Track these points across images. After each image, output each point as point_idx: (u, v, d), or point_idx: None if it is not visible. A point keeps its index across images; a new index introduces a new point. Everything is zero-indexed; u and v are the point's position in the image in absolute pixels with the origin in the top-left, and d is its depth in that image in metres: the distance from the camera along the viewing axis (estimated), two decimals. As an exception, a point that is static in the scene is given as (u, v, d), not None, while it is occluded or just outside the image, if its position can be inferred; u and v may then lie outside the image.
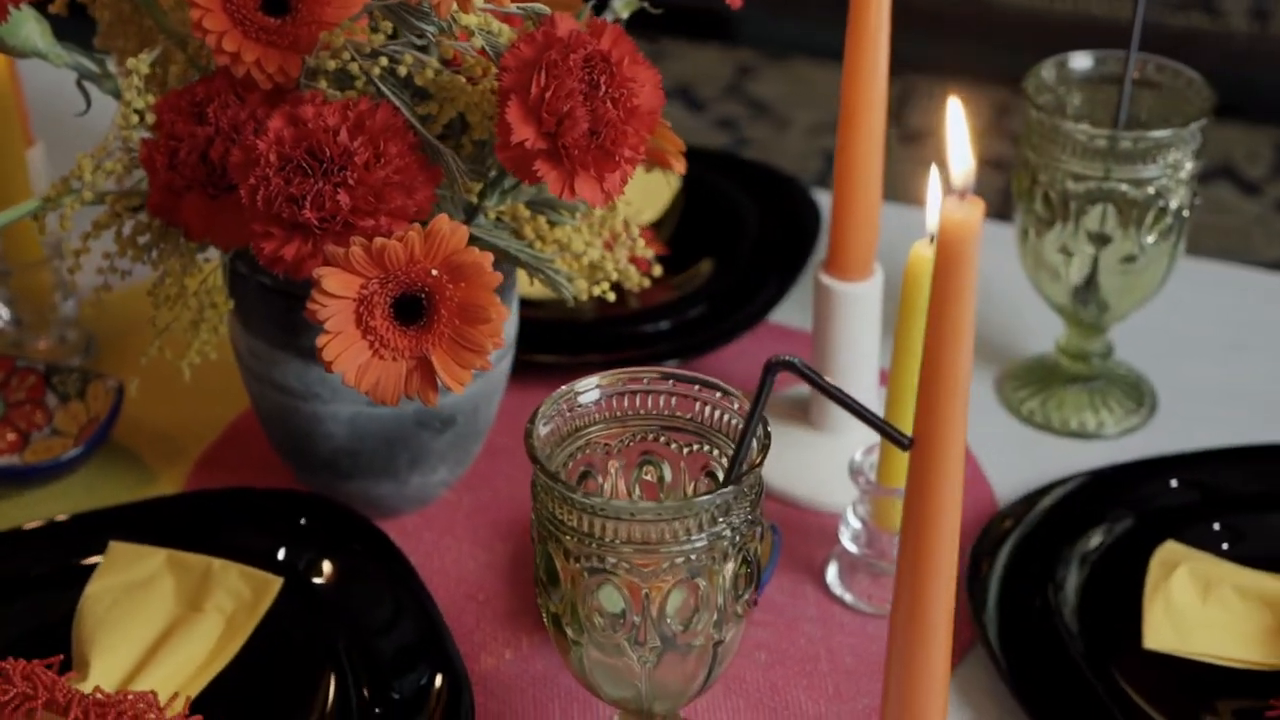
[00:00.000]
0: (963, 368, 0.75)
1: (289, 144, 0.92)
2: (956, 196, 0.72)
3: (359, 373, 0.91)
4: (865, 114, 1.09)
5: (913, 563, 0.80)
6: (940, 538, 0.79)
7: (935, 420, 0.77)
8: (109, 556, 1.05)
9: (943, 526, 0.79)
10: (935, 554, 0.80)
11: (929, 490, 0.78)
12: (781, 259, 1.35)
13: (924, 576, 0.80)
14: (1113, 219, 1.14)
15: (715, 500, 0.84)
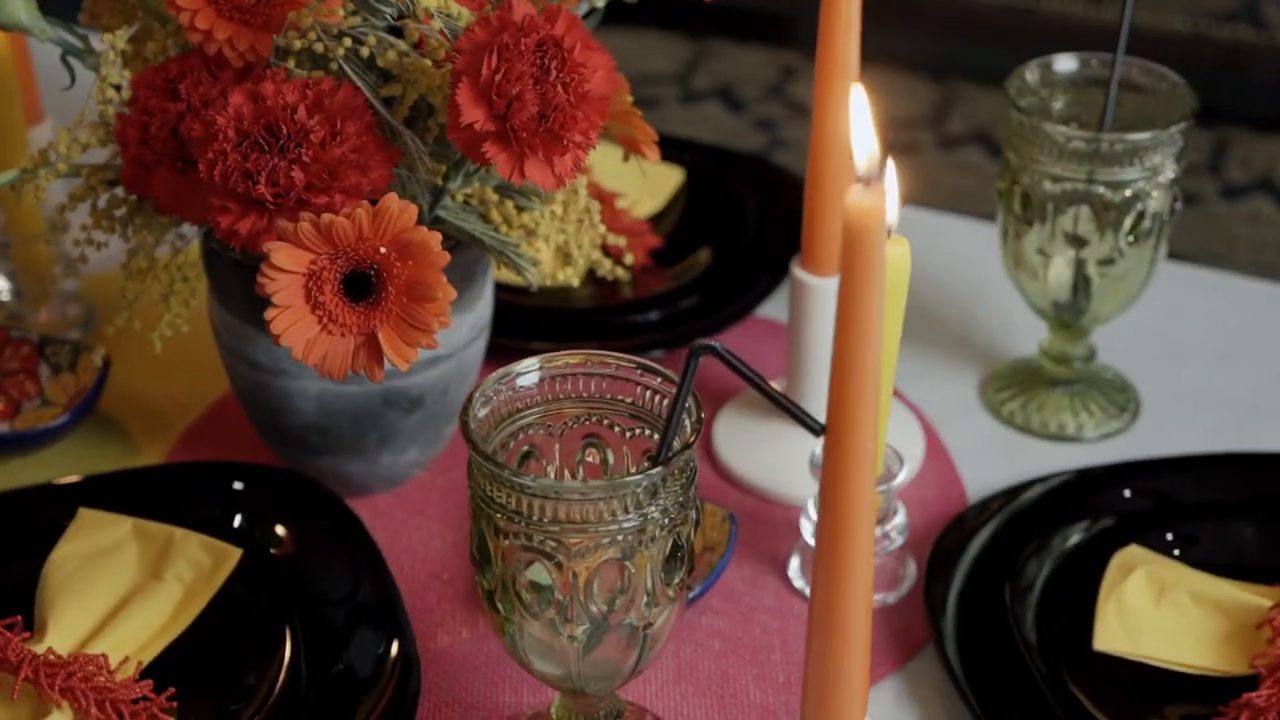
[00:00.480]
0: (872, 352, 0.76)
1: (248, 120, 0.94)
2: (862, 184, 0.72)
3: (307, 347, 0.93)
4: (836, 109, 1.09)
5: (830, 548, 0.80)
6: (856, 523, 0.79)
7: (846, 406, 0.77)
8: (76, 523, 1.07)
9: (858, 512, 0.79)
10: (851, 540, 0.80)
11: (843, 476, 0.79)
12: (777, 254, 1.36)
13: (840, 561, 0.80)
14: (1089, 221, 1.13)
15: (642, 481, 0.85)
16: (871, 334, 0.75)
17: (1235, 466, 1.14)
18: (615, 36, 2.39)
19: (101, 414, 1.23)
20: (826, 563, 0.81)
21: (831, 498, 0.79)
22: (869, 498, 0.79)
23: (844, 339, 0.76)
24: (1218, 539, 1.09)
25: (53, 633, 1.00)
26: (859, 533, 0.80)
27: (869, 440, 0.78)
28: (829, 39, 1.07)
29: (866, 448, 0.78)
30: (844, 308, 0.75)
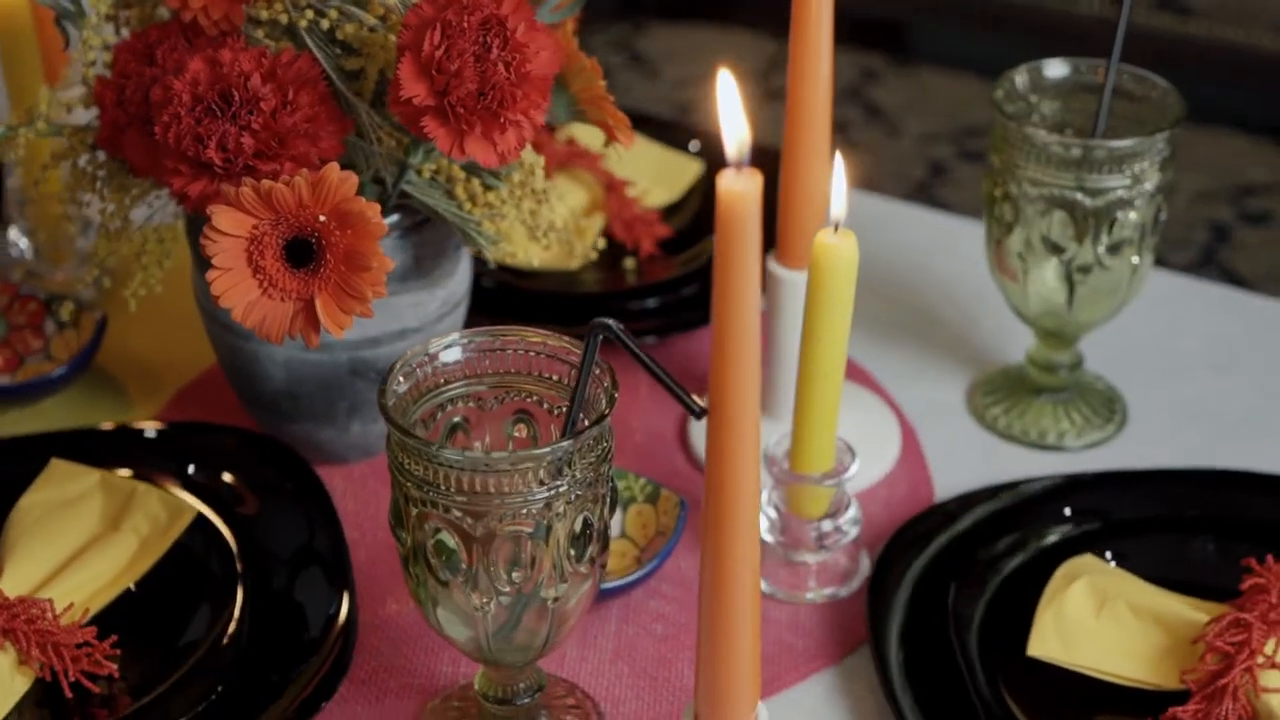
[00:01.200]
0: (750, 333, 0.76)
1: (204, 85, 0.96)
2: (733, 168, 0.73)
3: (247, 309, 0.95)
4: (810, 101, 1.09)
5: (715, 528, 0.81)
6: (739, 504, 0.80)
7: (727, 387, 0.77)
8: (47, 472, 1.10)
9: (741, 493, 0.79)
10: (735, 519, 0.80)
11: (725, 457, 0.79)
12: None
13: (725, 542, 0.81)
14: (1067, 228, 1.12)
15: (546, 456, 0.86)
16: (749, 313, 0.75)
17: (1202, 483, 1.13)
18: (703, 32, 2.41)
19: (102, 371, 1.26)
20: (712, 544, 0.82)
21: (716, 478, 0.80)
22: (753, 476, 0.80)
23: (721, 320, 0.76)
24: (1173, 554, 1.08)
25: (7, 576, 1.03)
26: (744, 510, 0.80)
27: (752, 421, 0.78)
28: (802, 37, 1.07)
29: (750, 428, 0.78)
30: (720, 289, 0.75)
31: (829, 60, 1.09)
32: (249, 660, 1.01)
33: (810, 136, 1.11)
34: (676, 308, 1.32)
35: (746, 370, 0.77)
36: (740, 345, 0.76)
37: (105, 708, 1.00)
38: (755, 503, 0.81)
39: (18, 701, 0.99)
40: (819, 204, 1.13)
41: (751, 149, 0.73)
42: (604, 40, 2.36)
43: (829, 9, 1.07)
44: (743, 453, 0.79)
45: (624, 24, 2.54)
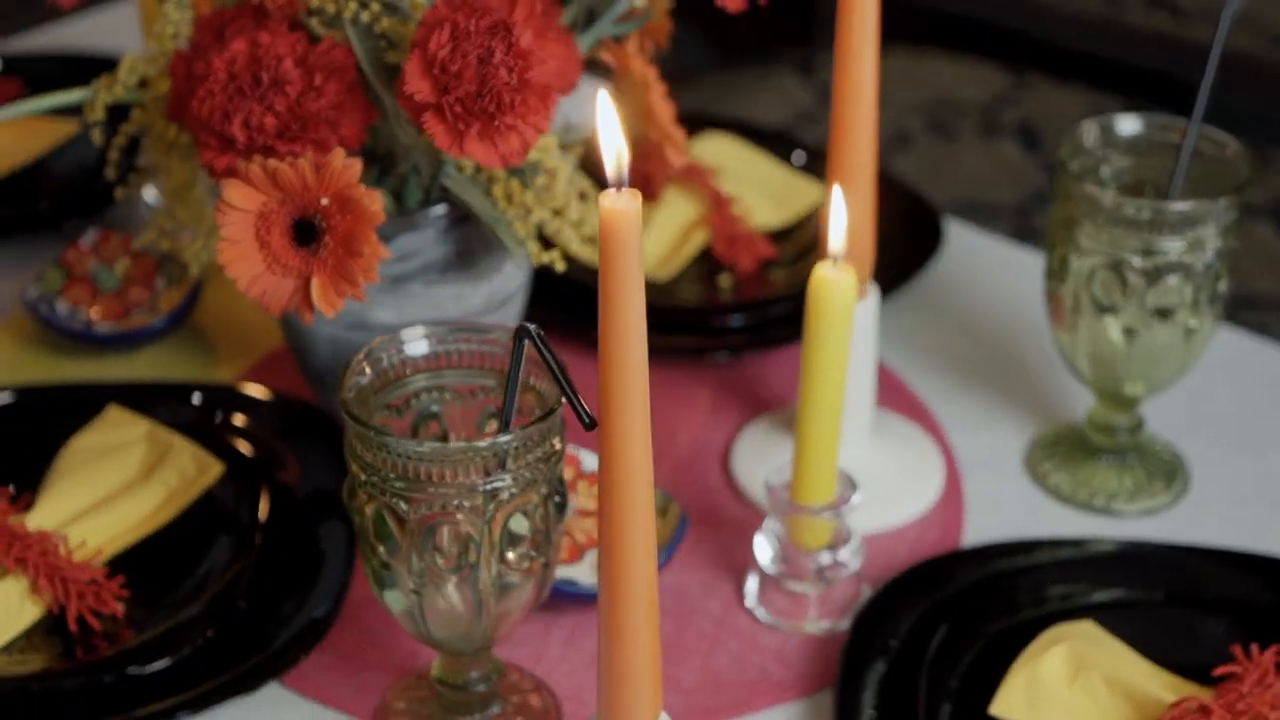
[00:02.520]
0: (635, 349, 0.77)
1: (240, 64, 1.01)
2: (614, 188, 0.74)
3: (250, 281, 0.99)
4: (856, 125, 1.08)
5: (608, 539, 0.82)
6: (630, 515, 0.81)
7: (614, 400, 0.79)
8: (103, 418, 1.17)
9: (632, 504, 0.80)
10: (627, 530, 0.81)
11: (615, 470, 0.80)
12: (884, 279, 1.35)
13: (618, 551, 0.82)
14: (1112, 287, 1.09)
15: (476, 449, 0.88)
16: (634, 329, 0.77)
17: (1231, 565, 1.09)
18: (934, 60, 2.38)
19: (200, 330, 1.33)
20: (606, 557, 0.83)
21: (607, 488, 0.81)
22: (644, 488, 0.80)
23: (608, 336, 0.77)
24: (1179, 633, 1.04)
25: (37, 511, 1.09)
26: (636, 521, 0.81)
27: (641, 433, 0.79)
28: (846, 59, 1.07)
29: (640, 440, 0.79)
30: (605, 305, 0.76)
31: (874, 86, 1.08)
32: (242, 613, 1.05)
33: (853, 165, 1.10)
34: (761, 327, 1.32)
35: (632, 382, 0.78)
36: (625, 358, 0.77)
37: (107, 640, 1.06)
38: (648, 513, 0.81)
39: (27, 629, 1.06)
40: (863, 238, 1.12)
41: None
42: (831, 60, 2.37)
43: (873, 44, 1.07)
44: (631, 463, 0.80)
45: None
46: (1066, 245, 1.11)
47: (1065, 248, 1.11)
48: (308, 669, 1.05)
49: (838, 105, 1.09)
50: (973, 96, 2.33)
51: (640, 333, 0.76)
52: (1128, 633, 1.04)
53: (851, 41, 1.06)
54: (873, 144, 1.10)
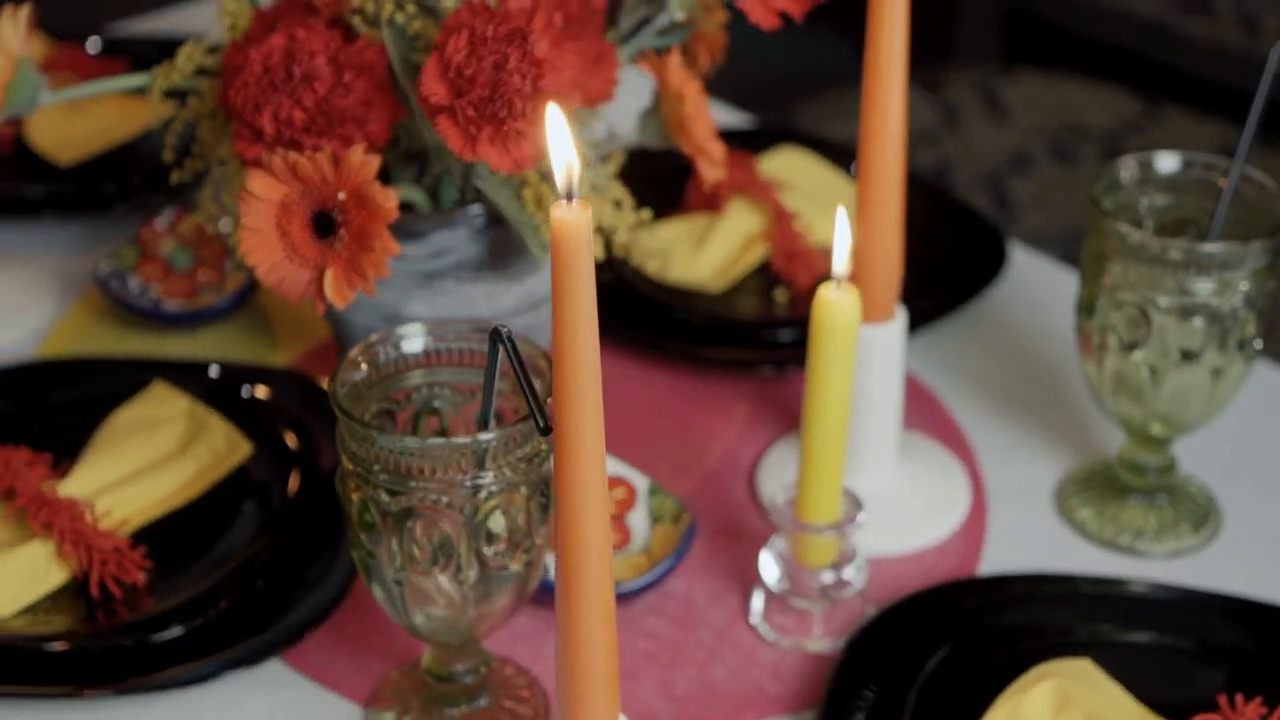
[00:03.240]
0: (587, 357, 0.78)
1: (276, 58, 1.04)
2: (564, 199, 0.75)
3: (269, 269, 1.02)
4: (884, 147, 1.08)
5: (563, 545, 0.83)
6: (584, 520, 0.82)
7: (566, 406, 0.80)
8: (147, 392, 1.21)
9: (585, 507, 0.82)
10: (581, 533, 0.82)
11: (568, 477, 0.81)
12: (935, 301, 1.35)
13: (573, 558, 0.83)
14: (1137, 325, 1.08)
15: (455, 446, 0.90)
16: (587, 338, 0.78)
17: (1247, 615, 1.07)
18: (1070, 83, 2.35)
19: (260, 311, 1.36)
20: (563, 564, 0.84)
21: (563, 496, 0.82)
22: (599, 493, 0.81)
23: (560, 343, 0.78)
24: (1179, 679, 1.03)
25: (72, 479, 1.13)
26: (592, 527, 0.82)
27: (595, 439, 0.80)
28: (875, 79, 1.07)
29: (594, 447, 0.80)
30: (558, 314, 0.78)
31: (902, 107, 1.08)
32: (257, 592, 1.09)
33: (883, 190, 1.10)
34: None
35: (585, 390, 0.79)
36: (577, 364, 0.78)
37: (127, 606, 1.09)
38: (602, 516, 0.82)
39: (53, 592, 1.10)
40: (891, 259, 1.12)
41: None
42: (965, 79, 2.35)
43: (901, 69, 1.06)
44: (584, 470, 0.81)
45: (993, 65, 2.51)
46: (1095, 280, 1.10)
47: (1094, 283, 1.11)
48: (311, 648, 1.08)
49: (866, 130, 1.09)
50: (1100, 123, 2.30)
51: (592, 342, 0.78)
52: (1125, 673, 1.03)
53: (880, 62, 1.06)
54: (901, 168, 1.10)
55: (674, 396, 1.29)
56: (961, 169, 2.20)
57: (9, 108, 1.11)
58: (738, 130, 1.56)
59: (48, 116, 1.53)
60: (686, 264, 1.38)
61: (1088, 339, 1.13)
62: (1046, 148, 2.29)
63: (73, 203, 1.47)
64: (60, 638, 1.06)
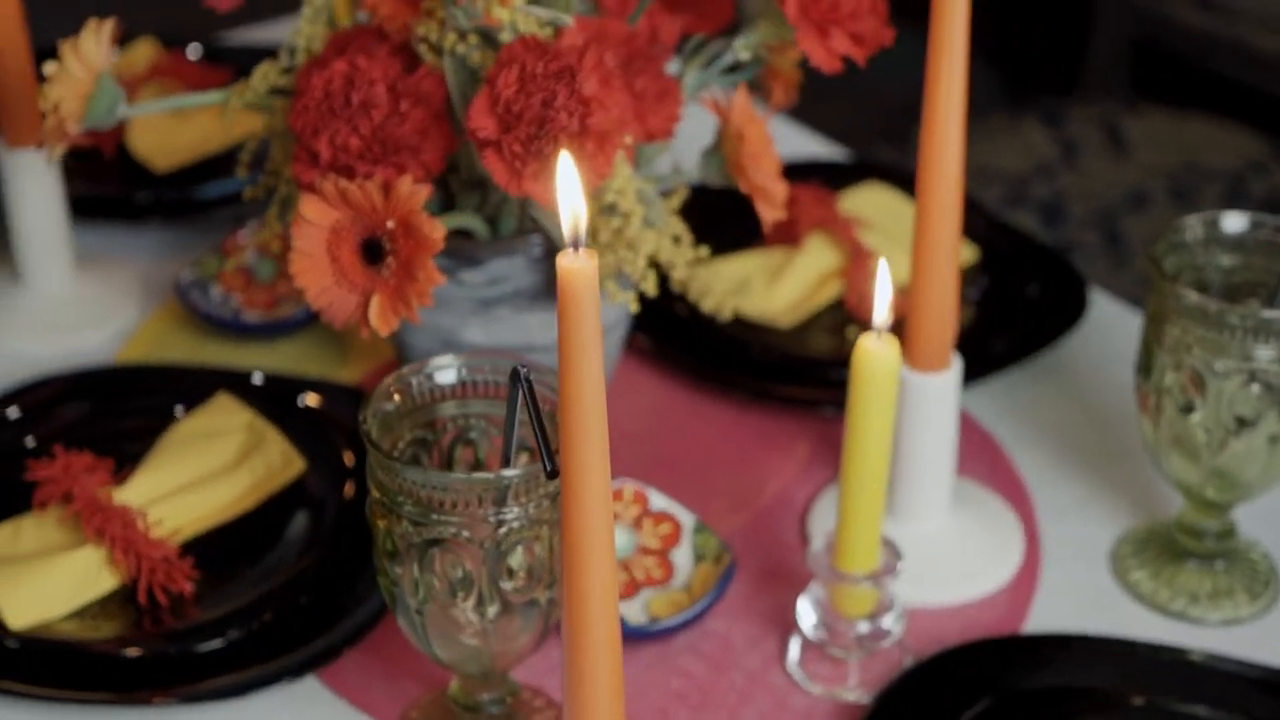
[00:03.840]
0: (594, 406, 0.78)
1: (337, 84, 1.05)
2: (571, 248, 0.75)
3: (319, 293, 1.03)
4: (941, 194, 1.07)
5: (570, 589, 0.83)
6: (591, 564, 0.82)
7: (574, 455, 0.80)
8: (212, 403, 1.23)
9: (592, 551, 0.82)
10: (587, 580, 0.82)
11: (575, 519, 0.81)
12: (1010, 345, 1.33)
13: (579, 602, 0.83)
14: (1194, 390, 1.06)
15: (476, 481, 0.90)
16: (593, 384, 0.78)
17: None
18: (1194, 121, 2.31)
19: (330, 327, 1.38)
20: (570, 609, 0.84)
21: (567, 543, 0.82)
22: (604, 535, 0.81)
23: (567, 389, 0.78)
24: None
25: (130, 486, 1.16)
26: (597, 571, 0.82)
27: (602, 484, 0.80)
28: (933, 127, 1.06)
29: (600, 491, 0.80)
30: (564, 360, 0.78)
31: (959, 151, 1.06)
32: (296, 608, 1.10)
33: (939, 239, 1.09)
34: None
35: (591, 437, 0.79)
36: (583, 412, 0.78)
37: (173, 615, 1.11)
38: (608, 563, 0.82)
39: (103, 597, 1.12)
40: (946, 308, 1.11)
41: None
42: (1087, 113, 2.31)
43: (959, 113, 1.05)
44: (590, 518, 0.81)
45: (1120, 99, 2.47)
46: (1155, 340, 1.08)
47: (1154, 342, 1.09)
48: (348, 667, 1.09)
49: (923, 177, 1.08)
50: (1223, 163, 2.26)
51: (598, 390, 0.78)
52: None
53: (938, 106, 1.05)
54: (957, 217, 1.09)
55: (736, 430, 1.28)
56: (1076, 204, 2.17)
57: (87, 120, 1.14)
58: (828, 163, 1.55)
59: (150, 123, 1.56)
60: (761, 297, 1.37)
61: (1145, 398, 1.11)
62: (1166, 187, 2.24)
63: (166, 208, 1.50)
64: (104, 643, 1.09)
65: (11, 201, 1.36)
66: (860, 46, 1.07)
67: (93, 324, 1.38)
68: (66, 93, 1.12)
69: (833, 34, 1.06)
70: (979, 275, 1.42)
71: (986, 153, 2.29)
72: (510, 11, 1.02)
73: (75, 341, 1.36)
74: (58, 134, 1.13)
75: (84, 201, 1.48)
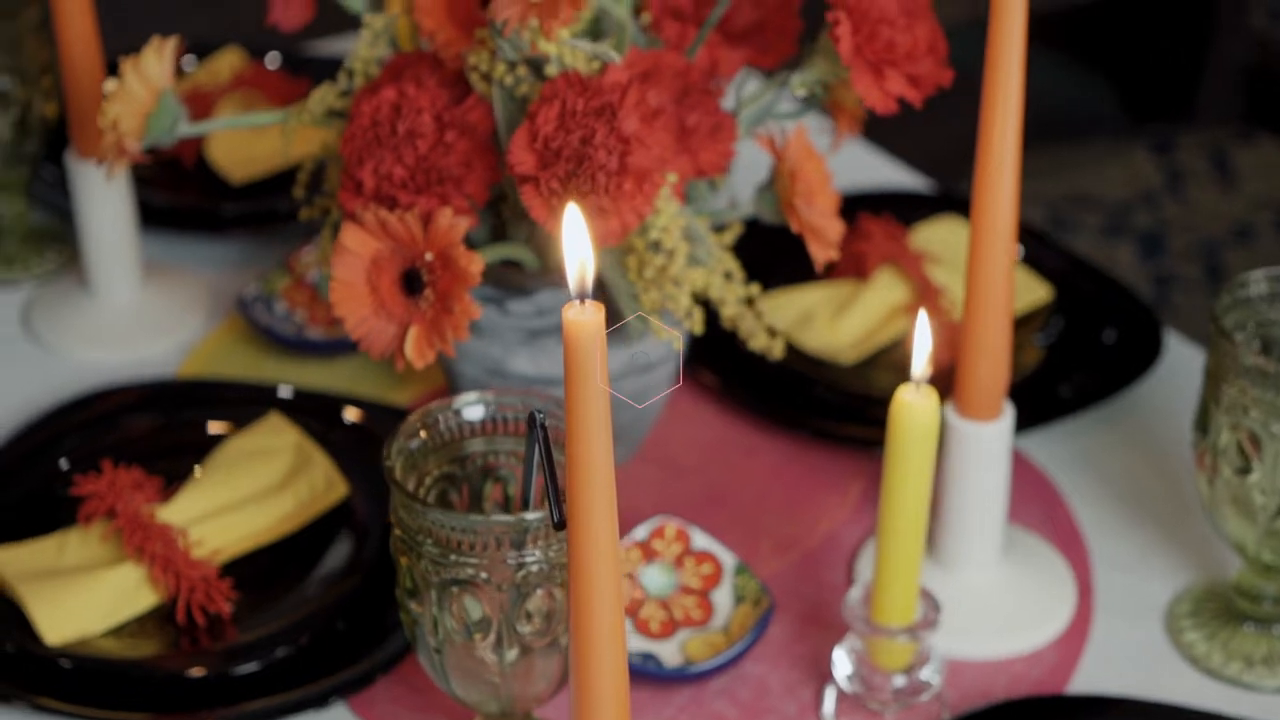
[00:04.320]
0: (601, 461, 0.77)
1: (384, 112, 1.04)
2: (577, 300, 0.74)
3: (357, 322, 1.03)
4: (993, 241, 1.05)
5: (576, 640, 0.82)
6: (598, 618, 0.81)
7: (580, 507, 0.79)
8: (263, 423, 1.23)
9: (600, 604, 0.80)
10: (593, 634, 0.81)
11: (581, 570, 0.80)
12: (1079, 389, 1.30)
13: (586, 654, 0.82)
14: (1250, 450, 1.03)
15: (495, 523, 0.89)
16: (599, 438, 0.76)
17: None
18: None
19: (397, 347, 1.37)
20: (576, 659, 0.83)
21: (574, 595, 0.81)
22: (611, 588, 0.80)
23: (574, 443, 0.77)
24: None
25: (176, 503, 1.16)
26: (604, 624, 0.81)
27: (608, 534, 0.79)
28: (987, 164, 1.03)
29: (606, 543, 0.79)
30: (571, 414, 0.76)
31: (1013, 192, 1.04)
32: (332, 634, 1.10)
33: (991, 285, 1.06)
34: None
35: (598, 492, 0.78)
36: (590, 465, 0.77)
37: (210, 635, 1.11)
38: (616, 615, 0.81)
39: (141, 615, 1.12)
40: (999, 356, 1.08)
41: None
42: (1197, 140, 2.26)
43: (1014, 157, 1.03)
44: (596, 572, 0.80)
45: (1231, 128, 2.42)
46: (1213, 397, 1.05)
47: (1212, 400, 1.05)
48: (377, 696, 1.08)
49: (976, 222, 1.05)
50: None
51: (605, 444, 0.76)
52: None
53: (991, 149, 1.03)
54: (1011, 265, 1.06)
55: (790, 468, 1.26)
56: (1177, 235, 2.13)
57: (147, 138, 1.14)
58: (908, 194, 1.53)
59: (228, 134, 1.56)
60: (825, 330, 1.35)
61: (1202, 456, 1.07)
62: (1273, 220, 2.20)
63: (240, 220, 1.50)
64: (141, 662, 1.09)
65: (81, 211, 1.37)
66: (917, 88, 1.05)
67: (158, 335, 1.39)
68: (126, 110, 1.13)
69: (888, 75, 1.04)
70: (1053, 316, 1.39)
71: (1089, 179, 2.25)
72: (557, 45, 1.01)
73: (140, 352, 1.37)
74: (116, 151, 1.14)
75: (160, 211, 1.49)
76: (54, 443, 1.24)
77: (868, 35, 1.03)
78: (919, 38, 1.04)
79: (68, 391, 1.32)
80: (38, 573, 1.12)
